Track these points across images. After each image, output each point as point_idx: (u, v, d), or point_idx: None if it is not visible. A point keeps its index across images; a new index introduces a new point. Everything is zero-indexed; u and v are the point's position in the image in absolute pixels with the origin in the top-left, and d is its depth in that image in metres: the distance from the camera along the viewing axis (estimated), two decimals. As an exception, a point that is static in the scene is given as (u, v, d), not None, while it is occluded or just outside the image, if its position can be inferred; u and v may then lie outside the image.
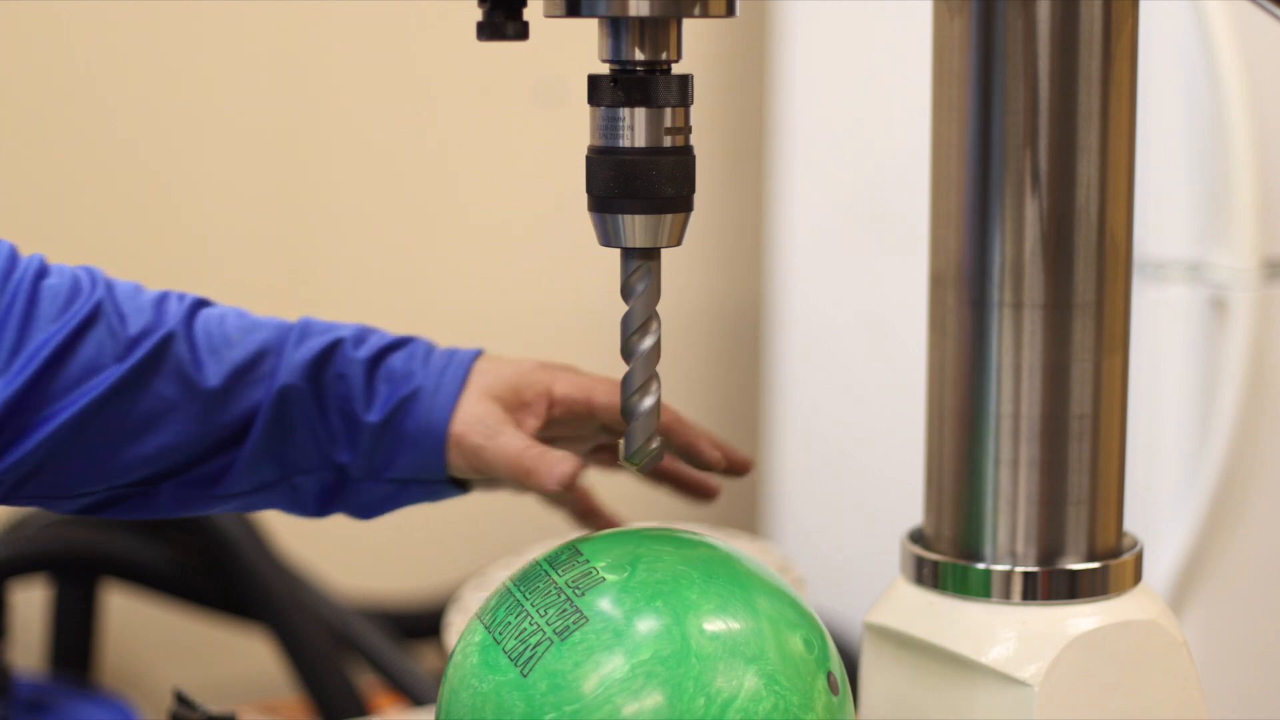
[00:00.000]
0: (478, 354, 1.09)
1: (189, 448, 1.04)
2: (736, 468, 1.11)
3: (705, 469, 1.10)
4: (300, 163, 2.37)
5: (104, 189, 2.27)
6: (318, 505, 1.09)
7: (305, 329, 1.08)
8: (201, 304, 1.09)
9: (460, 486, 1.10)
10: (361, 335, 1.09)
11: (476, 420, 1.05)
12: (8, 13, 2.18)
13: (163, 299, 1.07)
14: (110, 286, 1.06)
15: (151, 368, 1.03)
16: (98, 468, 1.03)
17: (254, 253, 2.35)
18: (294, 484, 1.08)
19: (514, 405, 1.07)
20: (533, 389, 1.07)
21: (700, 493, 1.15)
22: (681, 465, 1.13)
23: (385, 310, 2.43)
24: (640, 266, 0.97)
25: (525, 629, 0.93)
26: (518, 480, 1.05)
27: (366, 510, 1.10)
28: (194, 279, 2.32)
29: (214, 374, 1.05)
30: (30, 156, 2.23)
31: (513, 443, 1.04)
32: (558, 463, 1.03)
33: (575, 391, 1.08)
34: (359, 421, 1.06)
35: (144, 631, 2.32)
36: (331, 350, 1.07)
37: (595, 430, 1.11)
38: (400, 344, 1.10)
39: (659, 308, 0.97)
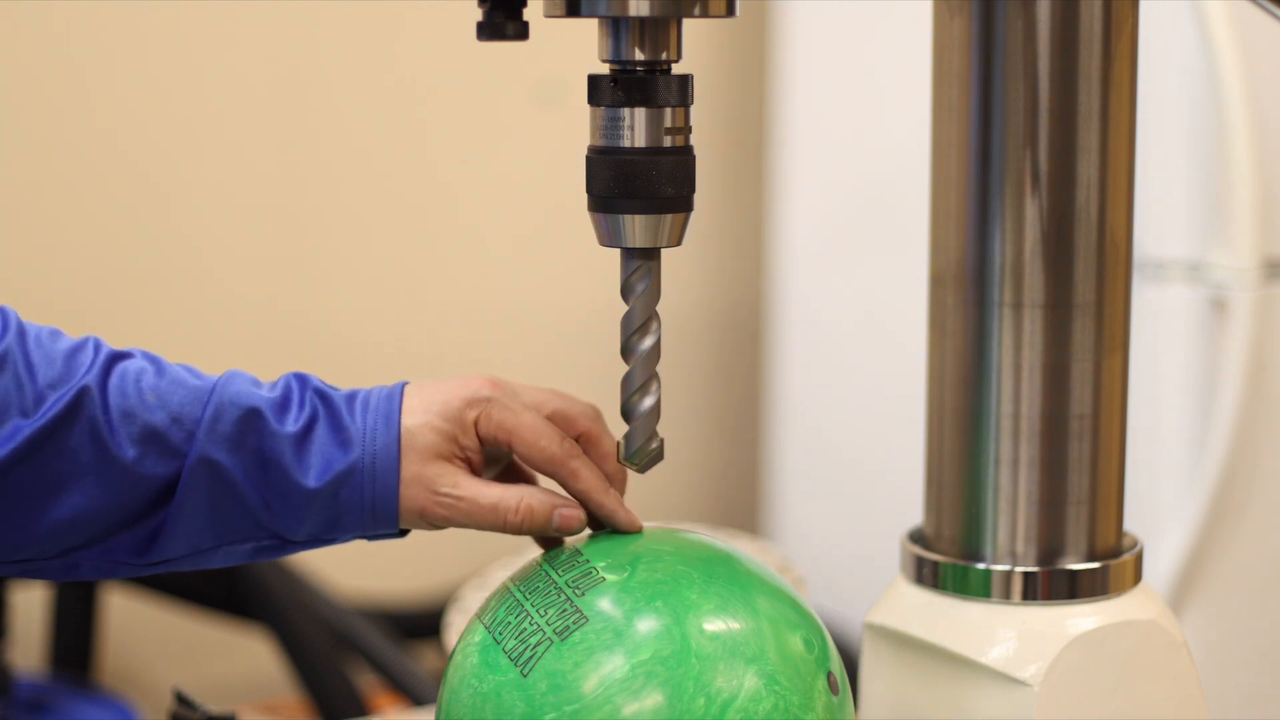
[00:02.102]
0: (400, 403, 1.01)
1: (108, 513, 0.98)
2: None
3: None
4: (299, 163, 2.37)
5: (103, 189, 2.27)
6: (254, 558, 1.03)
7: (224, 393, 1.00)
8: (118, 357, 1.01)
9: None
10: (284, 401, 1.01)
11: (427, 487, 0.99)
12: (7, 14, 2.18)
13: (77, 349, 1.00)
14: (22, 332, 0.99)
15: (65, 424, 0.96)
16: (10, 533, 0.97)
17: (254, 253, 2.35)
18: (231, 550, 1.02)
19: (456, 441, 1.01)
20: (462, 421, 1.01)
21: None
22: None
23: (385, 310, 2.43)
24: (640, 266, 0.97)
25: (525, 629, 0.93)
26: (503, 531, 1.01)
27: (308, 548, 1.04)
28: (194, 280, 2.32)
29: (126, 440, 0.98)
30: (29, 162, 2.23)
31: (481, 501, 0.99)
32: (553, 510, 1.00)
33: (498, 433, 1.01)
34: (296, 488, 0.99)
35: (144, 631, 2.32)
36: (252, 422, 0.99)
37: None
38: (318, 413, 1.01)
39: (659, 308, 0.97)
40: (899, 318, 2.22)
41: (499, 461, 1.06)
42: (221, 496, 0.99)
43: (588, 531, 1.02)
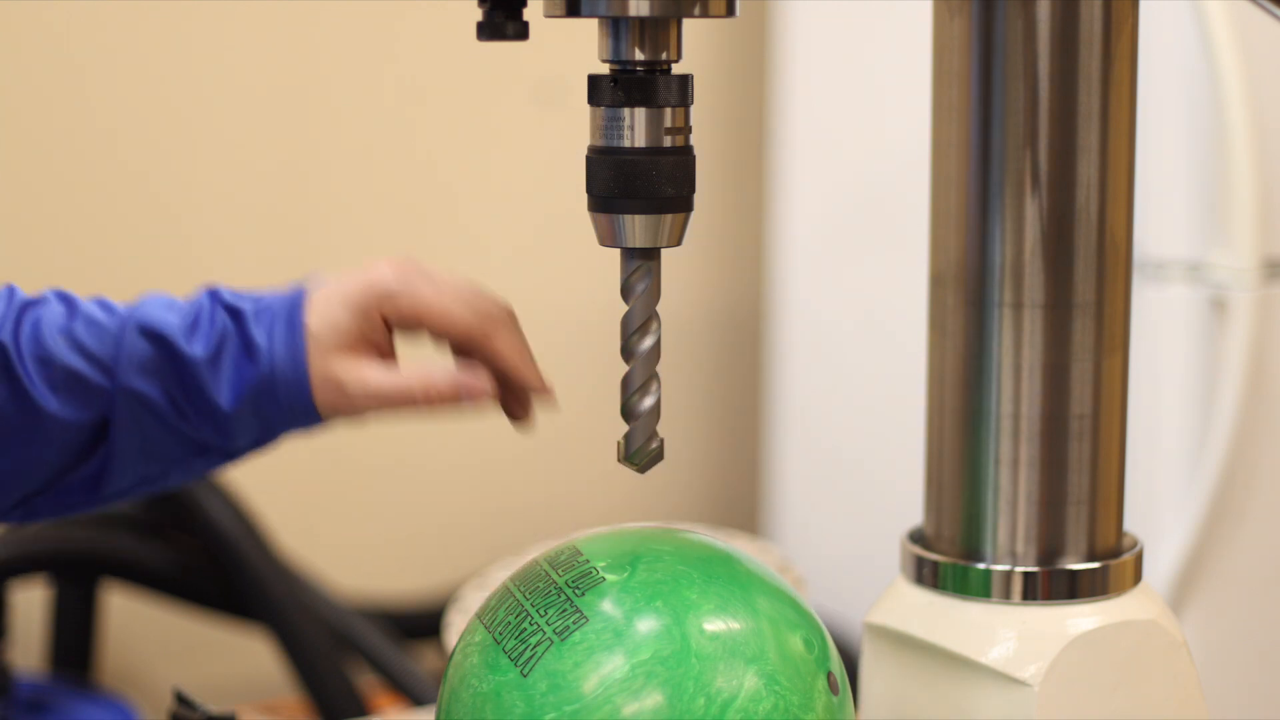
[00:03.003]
0: (303, 306, 1.02)
1: (47, 464, 1.00)
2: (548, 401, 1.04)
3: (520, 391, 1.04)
4: (299, 163, 2.37)
5: (102, 189, 2.27)
6: (208, 470, 1.06)
7: (135, 324, 1.01)
8: (29, 305, 1.01)
9: None
10: (194, 324, 1.01)
11: (336, 388, 1.00)
12: (7, 14, 2.18)
13: None
14: None
15: None
16: None
17: (253, 254, 2.35)
18: (180, 470, 1.04)
19: (362, 333, 1.01)
20: (367, 313, 1.02)
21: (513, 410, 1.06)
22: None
23: (385, 310, 2.43)
24: (640, 266, 0.97)
25: (525, 629, 0.93)
26: (417, 412, 1.01)
27: (258, 452, 1.06)
28: (194, 281, 2.32)
29: (46, 389, 0.99)
30: (29, 162, 2.23)
31: (389, 388, 1.00)
32: (457, 386, 1.00)
33: (407, 320, 1.02)
34: (216, 409, 1.01)
35: (144, 631, 2.32)
36: (164, 349, 1.00)
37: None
38: (228, 331, 1.02)
39: (659, 308, 0.97)
40: (899, 318, 2.22)
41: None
42: (152, 426, 1.00)
43: (587, 531, 1.02)
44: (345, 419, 1.03)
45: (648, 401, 0.98)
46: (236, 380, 1.01)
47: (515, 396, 1.04)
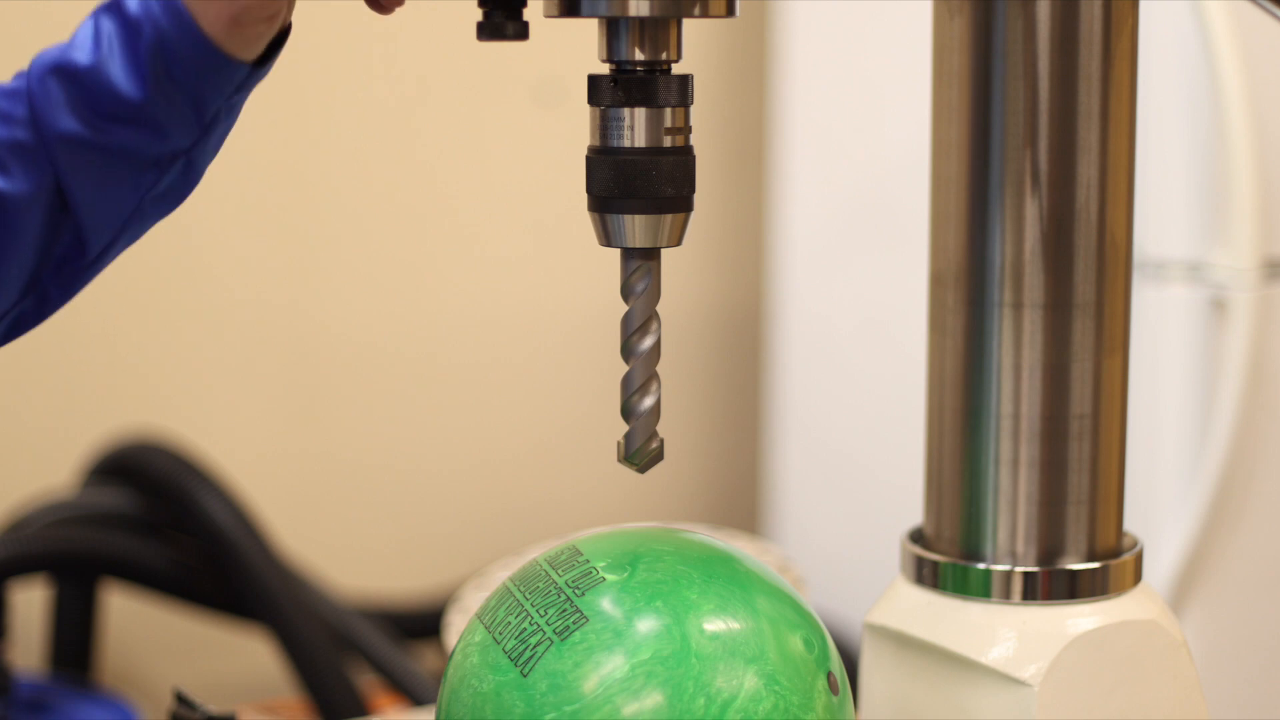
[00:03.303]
0: None
1: (31, 247, 1.01)
2: None
3: None
4: (298, 163, 2.37)
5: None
6: (182, 190, 1.05)
7: (37, 72, 1.01)
8: None
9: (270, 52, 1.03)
10: (83, 37, 1.01)
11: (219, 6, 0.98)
12: (7, 14, 2.18)
13: None
14: None
15: None
16: None
17: (252, 254, 2.35)
18: (153, 198, 1.04)
19: None
20: None
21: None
22: None
23: (384, 310, 2.43)
24: (640, 266, 0.97)
25: (525, 629, 0.93)
26: None
27: (223, 137, 1.05)
28: (193, 282, 2.32)
29: None
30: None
31: None
32: None
33: None
34: (136, 105, 1.00)
35: (144, 631, 2.32)
36: (67, 76, 1.00)
37: None
38: (113, 24, 1.01)
39: (659, 308, 0.97)
40: (899, 318, 2.22)
41: None
42: (99, 164, 1.00)
43: (587, 531, 1.02)
44: (247, 28, 0.99)
45: (648, 401, 0.98)
46: (133, 64, 0.99)
47: None
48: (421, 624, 2.30)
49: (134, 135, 1.01)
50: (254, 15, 0.99)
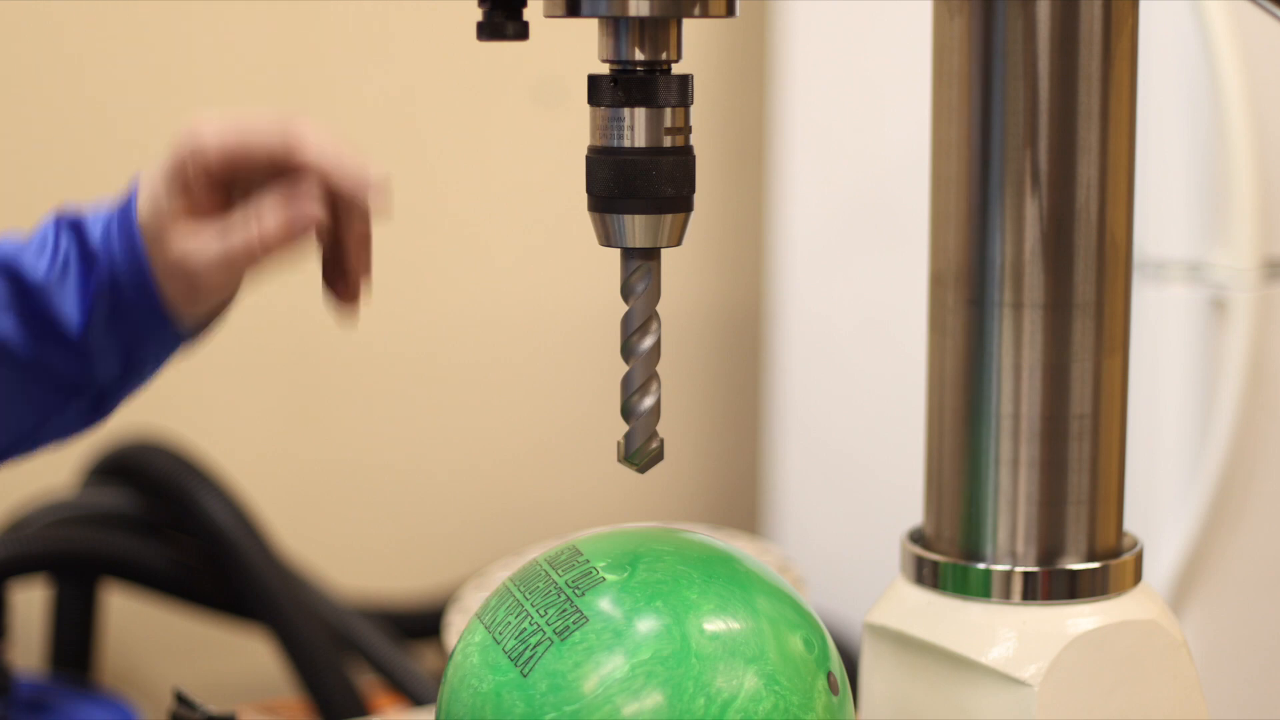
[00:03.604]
0: (134, 200, 0.99)
1: None
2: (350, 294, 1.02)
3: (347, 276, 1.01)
4: (300, 163, 2.36)
5: (101, 189, 2.26)
6: (84, 420, 1.02)
7: None
8: None
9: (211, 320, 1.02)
10: (39, 244, 0.99)
11: (179, 268, 0.97)
12: (7, 14, 2.18)
13: None
14: None
15: None
16: None
17: (254, 253, 2.35)
18: (55, 423, 1.01)
19: (180, 198, 0.97)
20: (178, 165, 0.98)
21: (339, 293, 1.04)
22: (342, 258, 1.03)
23: (384, 309, 2.43)
24: (640, 266, 0.97)
25: (525, 629, 0.93)
26: (261, 263, 0.98)
27: (134, 389, 1.03)
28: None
29: None
30: (29, 163, 2.23)
31: (226, 246, 0.97)
32: (284, 221, 0.97)
33: (208, 150, 0.98)
34: (71, 333, 0.98)
35: (144, 631, 2.32)
36: (14, 281, 0.98)
37: (264, 170, 1.01)
38: (71, 245, 1.00)
39: (659, 308, 0.97)
40: (899, 318, 2.22)
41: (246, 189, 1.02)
42: (14, 373, 0.98)
43: (587, 531, 1.02)
44: (199, 305, 0.98)
45: (648, 401, 0.98)
46: (82, 294, 0.97)
47: (340, 266, 1.00)
48: (421, 624, 2.30)
49: (59, 357, 0.98)
50: (215, 295, 0.98)
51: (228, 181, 0.99)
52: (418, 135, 2.44)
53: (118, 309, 0.97)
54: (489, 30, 0.96)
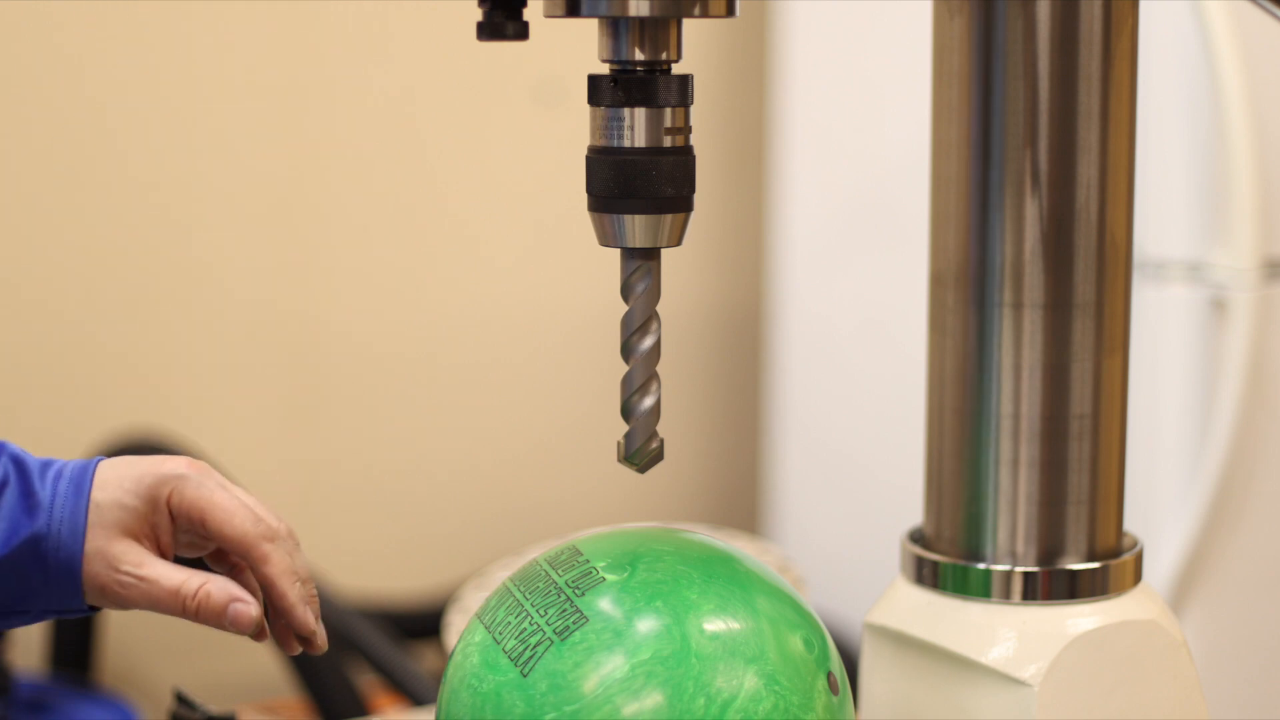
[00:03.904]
0: (92, 475, 0.98)
1: None
2: (310, 646, 1.03)
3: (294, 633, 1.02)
4: (299, 164, 2.37)
5: (101, 192, 2.27)
6: None
7: None
8: None
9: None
10: None
11: (110, 564, 0.97)
12: (7, 14, 2.18)
13: None
14: None
15: None
16: None
17: (252, 256, 2.35)
18: None
19: (146, 519, 0.98)
20: (154, 497, 0.98)
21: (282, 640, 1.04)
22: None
23: (384, 309, 2.43)
24: (640, 266, 0.97)
25: (525, 629, 0.93)
26: (182, 617, 0.99)
27: (6, 627, 1.01)
28: (193, 284, 2.32)
29: None
30: (29, 164, 2.23)
31: (163, 584, 0.97)
32: (228, 604, 0.97)
33: (190, 510, 0.99)
34: None
35: (144, 631, 2.32)
36: None
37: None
38: (9, 478, 0.99)
39: (659, 308, 0.97)
40: (899, 318, 2.22)
41: (201, 548, 1.03)
42: None
43: (587, 531, 1.02)
44: (108, 604, 0.98)
45: (648, 401, 0.98)
46: (9, 530, 0.96)
47: (285, 626, 1.01)
48: (421, 624, 2.30)
49: None
50: (130, 602, 0.98)
51: (184, 520, 0.99)
52: (418, 135, 2.44)
53: (35, 561, 0.97)
54: (489, 30, 0.96)
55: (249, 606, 0.99)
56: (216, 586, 0.98)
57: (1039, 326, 1.00)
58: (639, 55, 0.95)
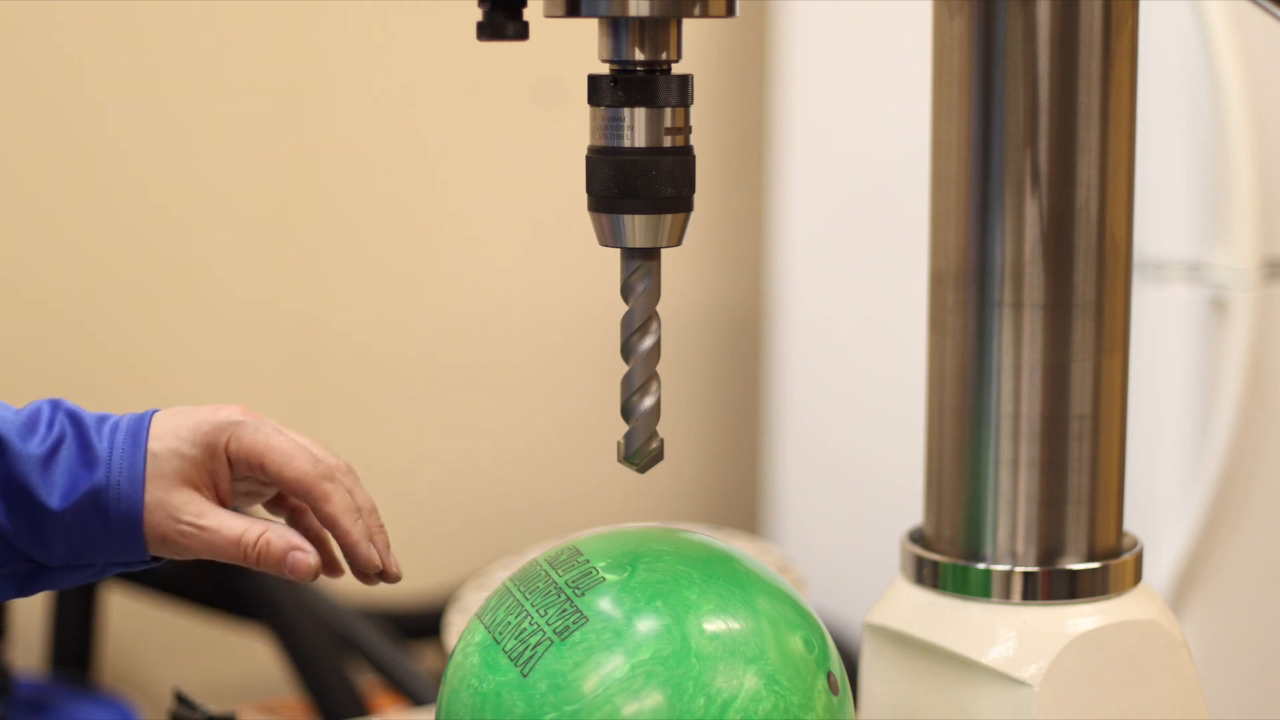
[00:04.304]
0: (148, 426, 0.99)
1: None
2: (385, 578, 1.04)
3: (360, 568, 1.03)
4: (299, 164, 2.37)
5: (102, 193, 2.27)
6: (18, 590, 1.01)
7: None
8: None
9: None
10: (31, 423, 0.99)
11: (171, 514, 0.97)
12: (7, 14, 2.18)
13: None
14: None
15: None
16: None
17: (252, 256, 2.35)
18: None
19: (205, 467, 0.99)
20: (212, 445, 0.99)
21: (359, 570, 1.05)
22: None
23: (384, 309, 2.44)
24: (640, 266, 0.97)
25: (525, 629, 0.93)
26: (243, 565, 0.99)
27: (73, 582, 1.02)
28: (194, 285, 2.32)
29: None
30: (29, 165, 2.23)
31: (224, 533, 0.98)
32: (288, 552, 0.98)
33: (249, 455, 0.99)
34: (41, 510, 0.97)
35: (144, 631, 2.32)
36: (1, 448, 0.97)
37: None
38: (66, 434, 0.99)
39: (659, 308, 0.97)
40: (899, 318, 2.22)
41: (260, 495, 1.04)
42: None
43: (587, 531, 1.02)
44: (169, 553, 0.99)
45: (648, 401, 0.98)
46: (69, 484, 0.97)
47: (354, 561, 1.01)
48: (421, 624, 2.30)
49: (19, 529, 0.97)
50: (192, 552, 0.98)
51: (243, 466, 1.00)
52: (418, 135, 2.44)
53: (97, 514, 0.98)
54: (489, 30, 0.96)
55: (307, 555, 0.99)
56: (276, 534, 0.98)
57: (1039, 326, 1.00)
58: (639, 55, 0.95)
